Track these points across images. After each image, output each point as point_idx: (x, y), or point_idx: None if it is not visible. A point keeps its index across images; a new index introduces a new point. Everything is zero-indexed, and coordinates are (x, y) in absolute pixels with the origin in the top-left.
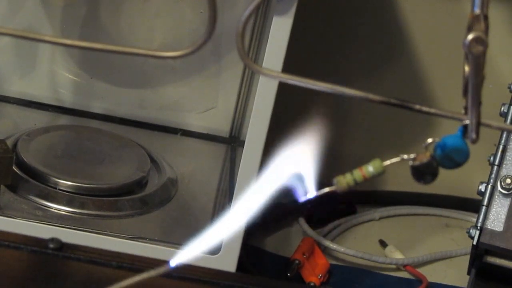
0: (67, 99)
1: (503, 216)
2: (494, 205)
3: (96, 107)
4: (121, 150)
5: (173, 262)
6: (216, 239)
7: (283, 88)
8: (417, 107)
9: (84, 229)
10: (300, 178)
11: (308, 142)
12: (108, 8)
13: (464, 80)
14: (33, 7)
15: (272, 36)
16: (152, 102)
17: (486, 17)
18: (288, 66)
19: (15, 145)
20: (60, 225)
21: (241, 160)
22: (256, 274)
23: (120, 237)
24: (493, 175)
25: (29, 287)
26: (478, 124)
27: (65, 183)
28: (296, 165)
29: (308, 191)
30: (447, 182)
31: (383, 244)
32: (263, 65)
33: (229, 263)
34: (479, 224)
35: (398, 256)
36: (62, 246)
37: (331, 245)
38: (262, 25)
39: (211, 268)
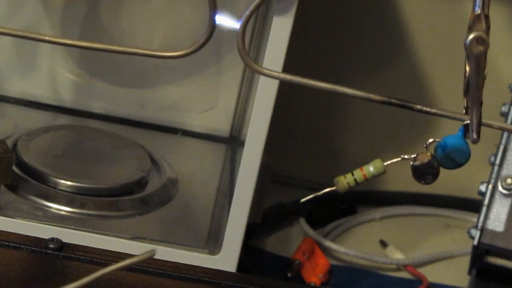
0: (67, 99)
1: (504, 216)
2: (495, 205)
3: (96, 107)
4: (121, 150)
5: None
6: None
7: (283, 88)
8: (418, 107)
9: (84, 229)
10: None
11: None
12: (108, 8)
13: (465, 80)
14: (33, 7)
15: (272, 36)
16: (152, 102)
17: (487, 17)
18: (288, 66)
19: (15, 145)
20: (60, 225)
21: (241, 160)
22: (256, 274)
23: (120, 237)
24: (493, 175)
25: (30, 287)
26: (479, 124)
27: (65, 183)
28: None
29: None
30: (448, 182)
31: (383, 244)
32: (263, 65)
33: (229, 263)
34: (479, 224)
35: (398, 256)
36: (62, 246)
37: (331, 245)
38: (262, 25)
39: (211, 268)
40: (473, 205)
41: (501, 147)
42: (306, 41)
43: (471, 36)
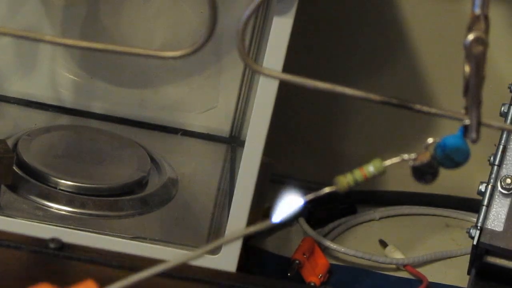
0: (67, 99)
1: (503, 216)
2: (494, 205)
3: (96, 107)
4: (121, 150)
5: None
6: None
7: (283, 88)
8: (418, 107)
9: (85, 229)
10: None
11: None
12: (108, 8)
13: (465, 80)
14: (33, 7)
15: (272, 36)
16: (152, 102)
17: (486, 17)
18: (288, 66)
19: (15, 145)
20: (60, 225)
21: (241, 160)
22: (256, 274)
23: (121, 237)
24: (493, 175)
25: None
26: (479, 124)
27: (65, 183)
28: None
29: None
30: (447, 182)
31: (383, 244)
32: (263, 65)
33: (229, 263)
34: (479, 224)
35: (398, 256)
36: (62, 246)
37: (331, 245)
38: (262, 25)
39: (211, 268)
40: (472, 205)
41: (501, 147)
42: (306, 41)
43: (470, 36)
